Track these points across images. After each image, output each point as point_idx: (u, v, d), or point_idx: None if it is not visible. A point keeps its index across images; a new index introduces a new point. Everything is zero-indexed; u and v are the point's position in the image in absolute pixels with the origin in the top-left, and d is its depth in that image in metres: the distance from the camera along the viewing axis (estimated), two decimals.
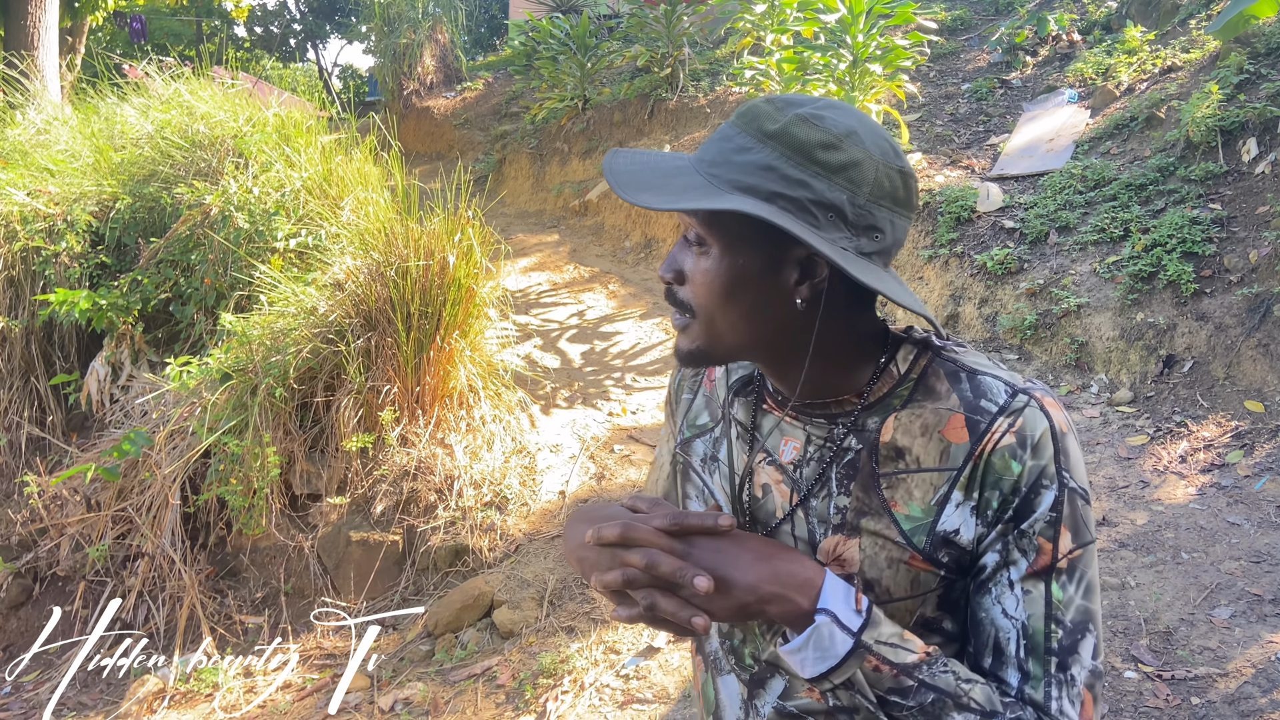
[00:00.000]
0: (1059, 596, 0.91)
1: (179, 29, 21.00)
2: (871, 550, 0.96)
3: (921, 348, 1.00)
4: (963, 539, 0.93)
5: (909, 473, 0.95)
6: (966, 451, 0.92)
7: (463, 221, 4.69)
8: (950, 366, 0.97)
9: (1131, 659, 3.12)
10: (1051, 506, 0.90)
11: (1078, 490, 0.92)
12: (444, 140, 12.76)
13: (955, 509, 0.93)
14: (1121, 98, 6.77)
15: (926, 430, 0.95)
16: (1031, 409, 0.92)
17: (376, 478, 4.47)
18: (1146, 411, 4.68)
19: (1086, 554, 0.92)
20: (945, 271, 5.95)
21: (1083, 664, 0.90)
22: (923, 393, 0.97)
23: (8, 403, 5.50)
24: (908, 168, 0.93)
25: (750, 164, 0.90)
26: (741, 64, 7.75)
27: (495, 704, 3.38)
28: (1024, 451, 0.90)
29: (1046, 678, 0.90)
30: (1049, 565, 0.91)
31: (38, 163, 6.04)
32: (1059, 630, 0.90)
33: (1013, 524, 0.91)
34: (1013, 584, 0.92)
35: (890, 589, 0.96)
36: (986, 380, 0.95)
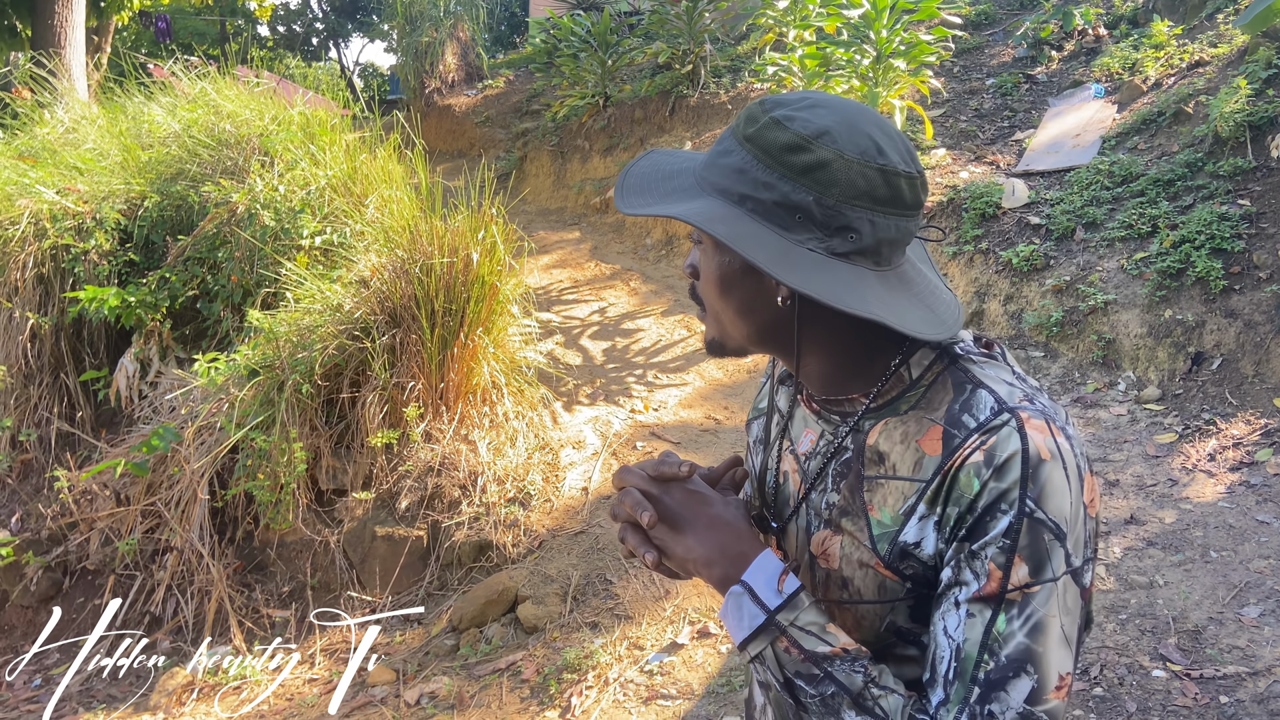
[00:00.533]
0: (1000, 629, 0.86)
1: (203, 28, 21.17)
2: (848, 549, 0.98)
3: (940, 353, 0.97)
4: (923, 552, 0.92)
5: (887, 479, 0.95)
6: (937, 465, 0.91)
7: (486, 219, 4.71)
8: (960, 377, 0.95)
9: (1160, 658, 3.10)
10: (1005, 532, 0.86)
11: (1045, 522, 0.86)
12: (466, 138, 12.81)
13: (918, 521, 0.92)
14: (1149, 93, 6.71)
15: (906, 438, 0.95)
16: (1008, 429, 0.88)
17: (401, 473, 4.50)
18: (1175, 409, 4.64)
19: (1044, 592, 0.86)
20: (970, 268, 5.92)
21: (1008, 704, 0.85)
22: (926, 402, 0.95)
23: (38, 398, 5.56)
24: (894, 166, 0.90)
25: (728, 166, 0.93)
26: (764, 60, 7.74)
27: (520, 698, 3.39)
28: (987, 471, 0.87)
29: (962, 705, 0.86)
30: (997, 593, 0.86)
31: (67, 161, 6.11)
32: (990, 662, 0.86)
33: (966, 542, 0.89)
34: (958, 604, 0.88)
35: (861, 590, 0.97)
36: (980, 394, 0.92)
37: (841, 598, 0.99)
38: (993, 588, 0.86)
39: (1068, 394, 5.01)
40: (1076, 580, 0.88)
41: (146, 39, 18.09)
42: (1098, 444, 4.54)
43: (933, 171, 6.73)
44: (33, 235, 5.47)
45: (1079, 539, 0.89)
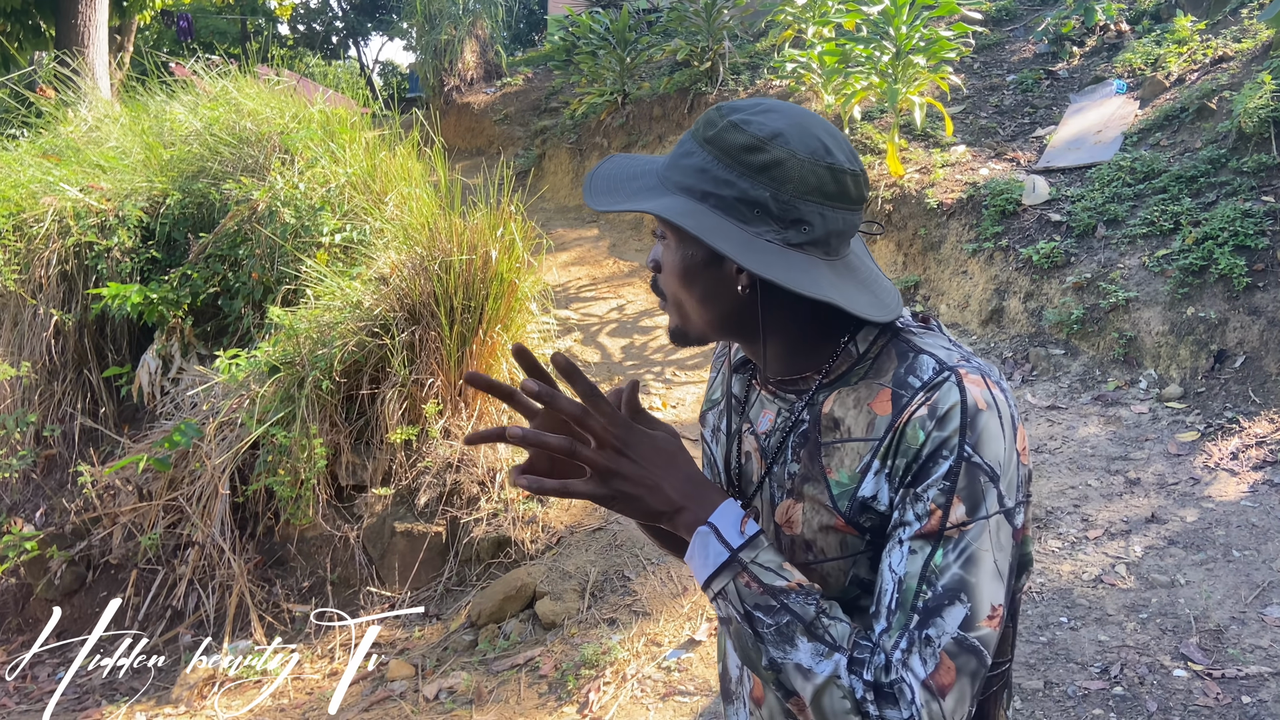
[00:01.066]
0: (938, 561, 0.95)
1: (224, 27, 21.31)
2: (809, 513, 1.06)
3: (883, 329, 1.07)
4: (879, 504, 1.01)
5: (842, 442, 1.04)
6: (888, 423, 1.00)
7: (504, 216, 4.73)
8: (903, 346, 1.04)
9: (1181, 657, 3.08)
10: (945, 475, 0.95)
11: (981, 465, 0.96)
12: (484, 136, 12.83)
13: (873, 476, 1.01)
14: (1171, 88, 6.65)
15: (859, 403, 1.04)
16: (949, 384, 0.98)
17: (420, 469, 4.53)
18: (1197, 408, 4.61)
19: (978, 528, 0.95)
20: (990, 265, 5.89)
21: (944, 629, 0.93)
22: (874, 371, 1.04)
23: (61, 394, 5.62)
24: (841, 164, 0.99)
25: (690, 166, 1.01)
26: (782, 57, 7.72)
27: (538, 694, 3.41)
28: (931, 422, 0.96)
29: (902, 630, 0.94)
30: (937, 530, 0.95)
31: (90, 159, 6.16)
32: (928, 591, 0.94)
33: (911, 487, 0.97)
34: (902, 541, 0.97)
35: (824, 550, 1.05)
36: (923, 358, 1.01)
37: (807, 560, 1.07)
38: (933, 525, 0.95)
39: (1088, 391, 4.98)
40: (1009, 519, 0.97)
41: (168, 38, 18.23)
42: (1119, 442, 4.51)
43: (952, 169, 6.70)
44: (57, 233, 5.53)
45: (1011, 481, 0.98)
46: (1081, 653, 3.17)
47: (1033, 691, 3.01)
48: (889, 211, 6.58)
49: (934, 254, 6.29)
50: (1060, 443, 4.61)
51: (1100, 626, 3.29)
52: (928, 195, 6.41)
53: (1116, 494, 4.13)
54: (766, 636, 0.97)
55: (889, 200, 6.61)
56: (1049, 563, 3.72)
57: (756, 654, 0.99)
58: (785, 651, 0.97)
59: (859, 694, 0.93)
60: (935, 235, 6.30)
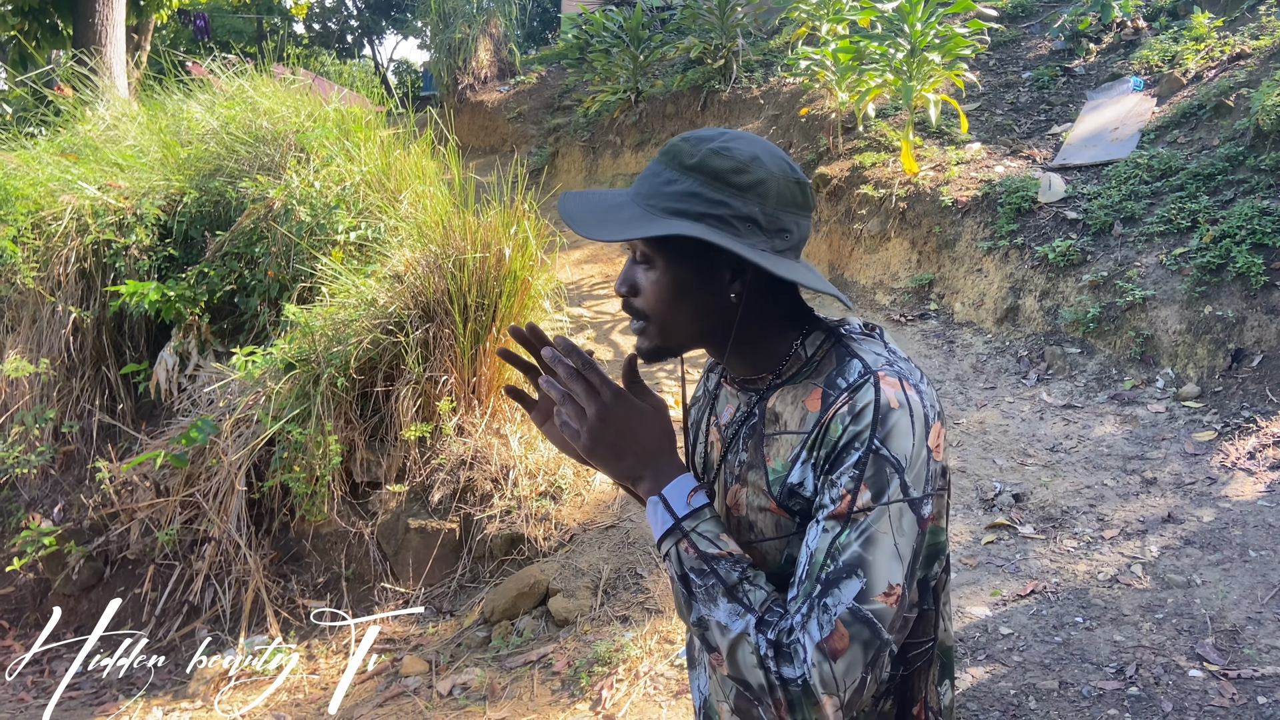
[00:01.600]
0: (841, 540, 1.06)
1: (241, 26, 21.40)
2: (751, 498, 1.20)
3: (828, 335, 1.21)
4: (805, 490, 1.13)
5: (780, 434, 1.18)
6: (816, 418, 1.13)
7: (518, 214, 4.74)
8: (842, 351, 1.17)
9: (1197, 657, 3.06)
10: (855, 464, 1.08)
11: (888, 457, 1.07)
12: (498, 134, 12.86)
13: (800, 465, 1.14)
14: (1189, 85, 6.60)
15: (796, 400, 1.17)
16: (867, 386, 1.10)
17: (434, 466, 4.54)
18: (1214, 407, 4.58)
19: (879, 512, 1.07)
20: (1005, 263, 5.86)
21: (841, 599, 1.04)
22: (815, 372, 1.18)
23: (80, 391, 5.67)
24: (802, 178, 1.15)
25: (678, 192, 1.12)
26: (796, 54, 7.70)
27: (551, 690, 3.42)
28: (849, 418, 1.09)
29: (805, 598, 1.06)
30: (845, 513, 1.07)
31: (108, 157, 6.21)
32: (830, 565, 1.06)
33: (828, 474, 1.10)
34: (818, 521, 1.09)
35: (763, 530, 1.19)
36: (853, 362, 1.14)
37: (749, 539, 1.21)
38: (842, 508, 1.07)
39: (1104, 391, 4.96)
40: (914, 509, 1.08)
41: (185, 37, 18.33)
42: (1135, 442, 4.49)
43: (967, 166, 6.67)
44: (75, 230, 5.57)
45: (919, 475, 1.09)
46: (1097, 653, 3.15)
47: (1047, 692, 3.00)
48: (903, 209, 6.56)
49: (949, 252, 6.27)
50: (1076, 442, 4.59)
51: (1116, 626, 3.27)
52: (942, 193, 6.39)
53: (1133, 493, 4.11)
54: (697, 595, 1.10)
55: (903, 198, 6.59)
56: (1064, 562, 3.70)
57: (687, 609, 1.11)
58: (709, 610, 1.09)
59: (762, 650, 1.04)
60: (950, 233, 6.28)
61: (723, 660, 1.08)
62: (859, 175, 6.99)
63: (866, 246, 6.80)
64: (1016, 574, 3.68)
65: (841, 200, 7.01)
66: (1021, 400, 5.07)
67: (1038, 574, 3.65)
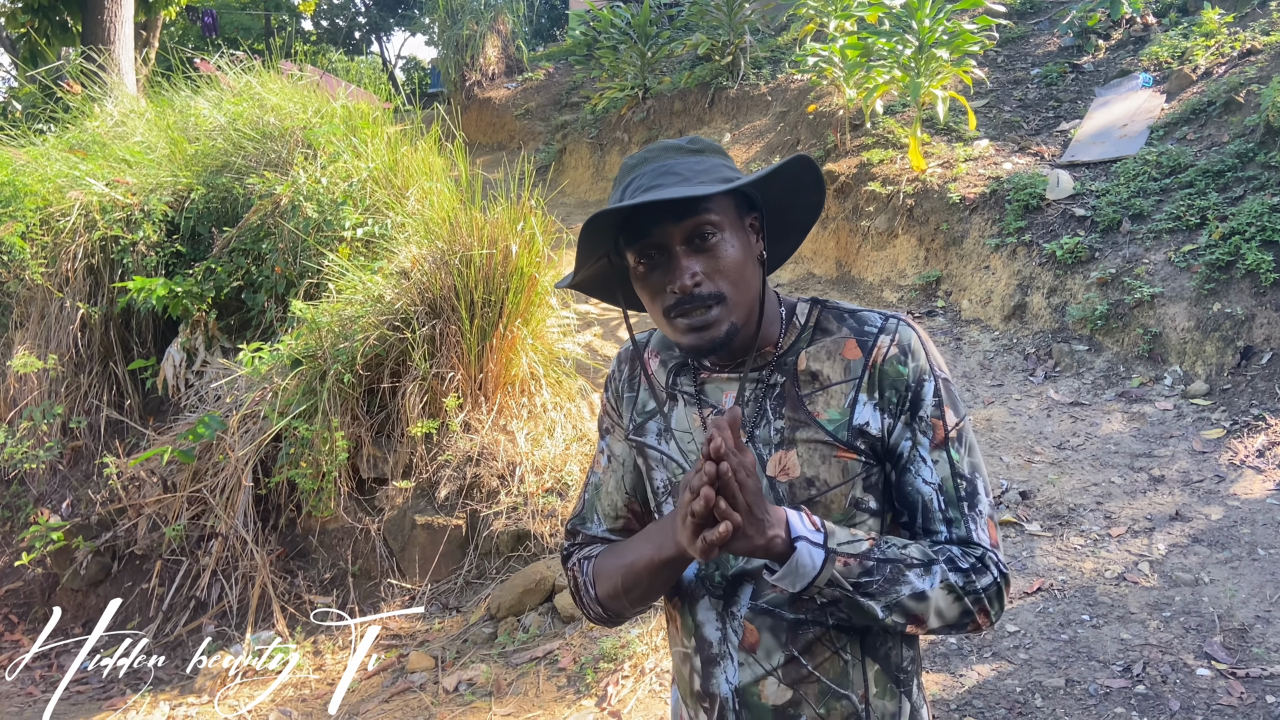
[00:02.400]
0: (956, 458, 1.23)
1: (248, 23, 21.44)
2: (807, 454, 1.24)
3: (813, 303, 1.33)
4: (873, 429, 1.23)
5: (824, 388, 1.26)
6: (862, 363, 1.24)
7: (525, 210, 4.73)
8: (836, 311, 1.30)
9: (1205, 656, 3.05)
10: (934, 393, 1.23)
11: (944, 377, 1.25)
12: (505, 130, 12.86)
13: (863, 406, 1.23)
14: (1198, 82, 6.57)
15: (830, 355, 1.27)
16: (904, 326, 1.25)
17: (441, 463, 4.54)
18: (1223, 404, 4.56)
19: (965, 423, 1.25)
20: (1013, 260, 5.84)
21: (982, 502, 1.22)
22: (821, 333, 1.29)
23: (88, 387, 5.68)
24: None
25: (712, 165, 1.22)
26: (804, 51, 7.68)
27: (557, 686, 3.42)
28: (906, 356, 1.23)
29: (963, 517, 1.21)
30: (945, 438, 1.23)
31: (116, 154, 6.22)
32: (963, 482, 1.22)
33: (911, 413, 1.23)
34: (924, 459, 1.22)
35: (828, 480, 1.24)
36: (864, 313, 1.28)
37: (810, 495, 1.24)
38: (941, 435, 1.23)
39: (1112, 388, 4.94)
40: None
41: (193, 34, 18.36)
42: (1143, 439, 4.47)
43: (975, 163, 6.65)
44: (83, 226, 5.58)
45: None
46: (1104, 651, 3.14)
47: (1054, 689, 3.00)
48: (910, 206, 6.54)
49: (956, 249, 6.25)
50: (1083, 439, 4.57)
51: (1123, 624, 3.26)
52: (950, 190, 6.37)
53: (1140, 491, 4.09)
54: (877, 591, 1.15)
55: (911, 195, 6.57)
56: (1071, 560, 3.69)
57: (870, 612, 1.15)
58: (898, 592, 1.15)
59: (961, 583, 1.17)
60: (957, 230, 6.26)
61: (927, 621, 1.17)
62: (866, 172, 6.97)
63: (874, 243, 6.78)
64: (1023, 571, 3.67)
65: (849, 197, 7.00)
66: (1029, 397, 5.06)
67: (1044, 571, 3.64)
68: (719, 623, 1.30)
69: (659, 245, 1.21)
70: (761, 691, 1.27)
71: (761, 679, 1.27)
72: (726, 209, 1.22)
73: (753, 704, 1.28)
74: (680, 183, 1.18)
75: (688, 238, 1.20)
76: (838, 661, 1.25)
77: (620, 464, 1.44)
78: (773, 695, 1.27)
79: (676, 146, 1.24)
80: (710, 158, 1.24)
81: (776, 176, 1.24)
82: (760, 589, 1.26)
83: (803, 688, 1.26)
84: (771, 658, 1.26)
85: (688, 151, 1.23)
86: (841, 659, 1.25)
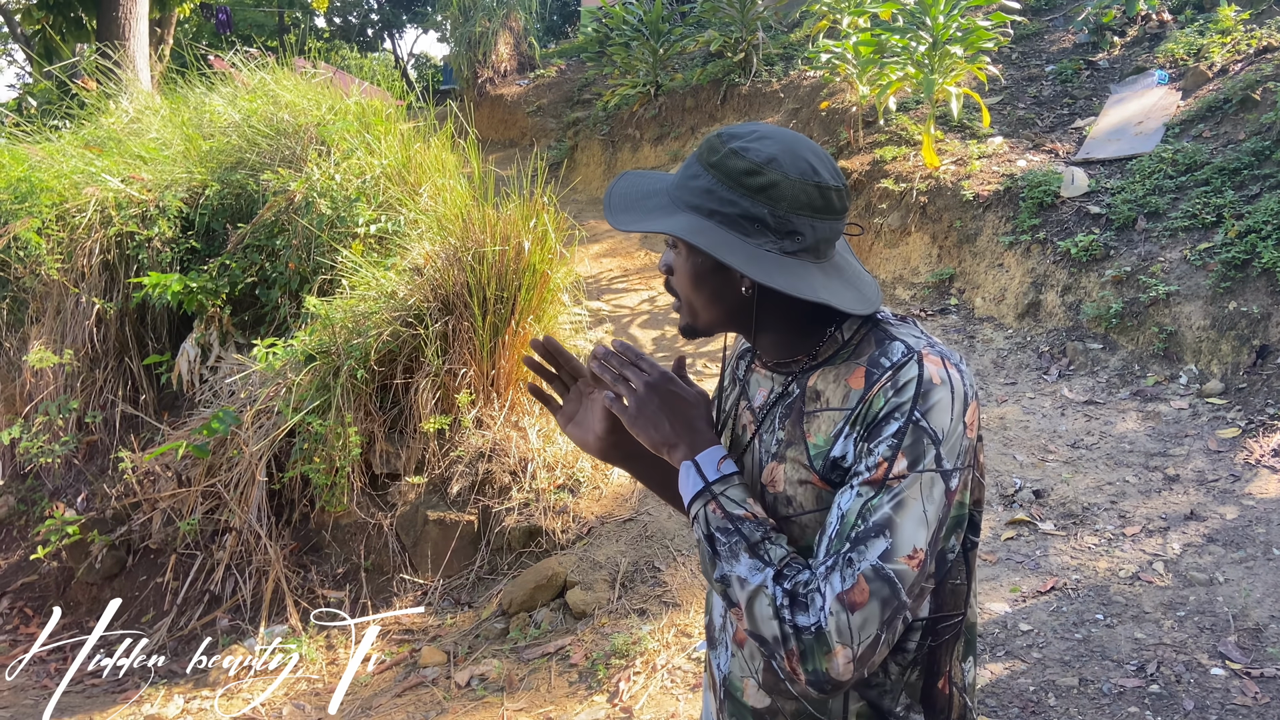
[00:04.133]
0: (874, 503, 1.10)
1: (262, 20, 21.50)
2: (790, 472, 1.23)
3: (865, 320, 1.24)
4: (846, 462, 1.17)
5: (822, 411, 1.21)
6: (859, 395, 1.16)
7: (537, 207, 4.74)
8: (881, 335, 1.21)
9: (1219, 656, 3.03)
10: (895, 433, 1.11)
11: (927, 430, 1.11)
12: (517, 127, 12.87)
13: (842, 440, 1.17)
14: (1214, 79, 6.53)
15: (838, 379, 1.21)
16: (911, 363, 1.14)
17: (453, 459, 4.56)
18: (1238, 403, 4.53)
19: (912, 479, 1.10)
20: (1026, 258, 5.82)
21: (866, 556, 1.08)
22: (855, 354, 1.21)
23: (103, 382, 5.72)
24: (827, 182, 1.17)
25: (697, 188, 1.18)
26: (817, 48, 7.66)
27: (568, 682, 3.43)
28: (891, 390, 1.13)
29: (831, 554, 1.10)
30: (880, 479, 1.10)
31: (131, 150, 6.25)
32: (860, 525, 1.09)
33: (866, 441, 1.13)
34: (853, 486, 1.13)
35: (803, 504, 1.21)
36: (895, 344, 1.18)
37: (788, 513, 1.23)
38: (878, 475, 1.11)
39: (1127, 387, 4.92)
40: (945, 479, 1.12)
41: (207, 31, 18.42)
42: (1157, 438, 4.45)
43: (989, 160, 6.62)
44: (99, 222, 5.62)
45: (953, 448, 1.13)
46: (1118, 650, 3.13)
47: (1067, 689, 2.99)
48: (924, 204, 6.52)
49: (969, 246, 6.23)
50: (1098, 438, 4.55)
51: (1137, 624, 3.25)
52: (964, 187, 6.34)
53: (1155, 490, 4.07)
54: (721, 553, 1.16)
55: (924, 192, 6.55)
56: (1085, 559, 3.68)
57: (711, 567, 1.17)
58: (731, 566, 1.15)
59: (779, 601, 1.10)
60: (971, 228, 6.24)
61: (742, 614, 1.13)
62: (879, 169, 6.95)
63: (886, 241, 6.77)
64: (1036, 570, 3.66)
65: (861, 194, 6.98)
66: (1042, 396, 5.04)
67: (1058, 570, 3.63)
68: (722, 609, 1.37)
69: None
70: (745, 689, 1.32)
71: (745, 677, 1.32)
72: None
73: (736, 698, 1.34)
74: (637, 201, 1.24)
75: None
76: None
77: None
78: (753, 697, 1.31)
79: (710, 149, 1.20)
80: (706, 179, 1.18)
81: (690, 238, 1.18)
82: None
83: (779, 700, 1.27)
84: (754, 659, 1.30)
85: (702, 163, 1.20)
86: None
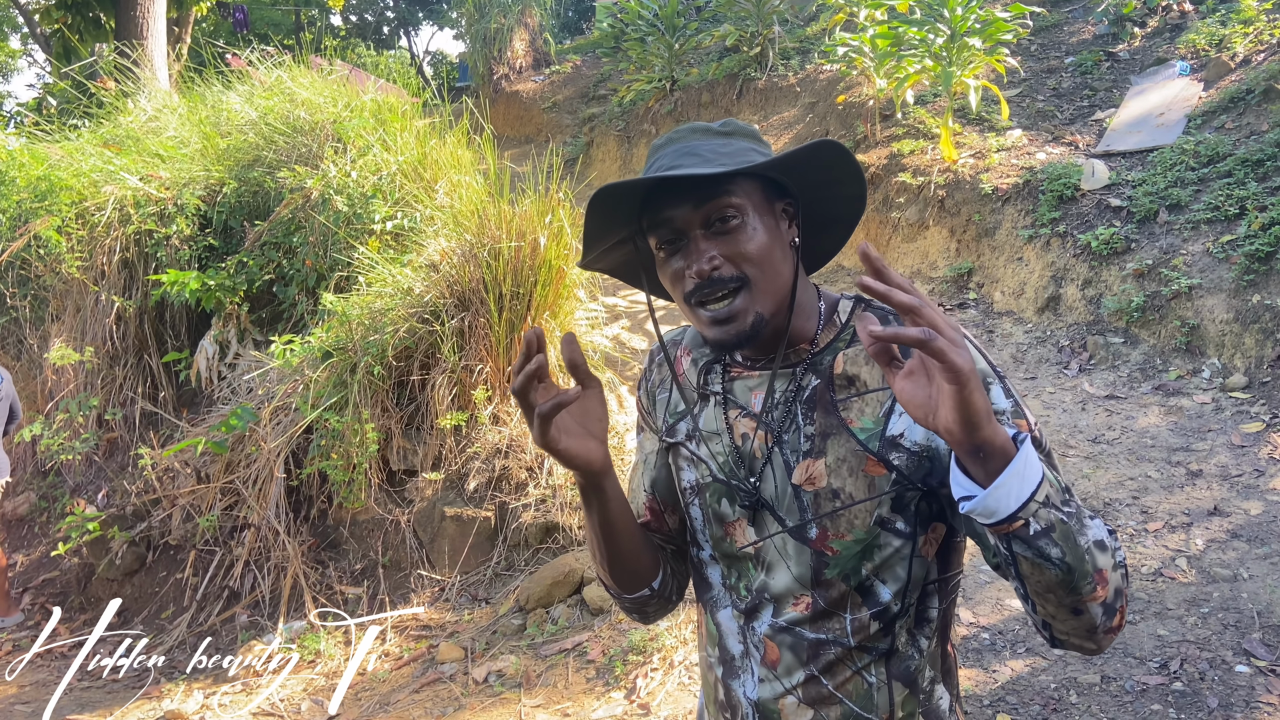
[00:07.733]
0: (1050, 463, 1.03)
1: (279, 19, 21.59)
2: (835, 464, 1.15)
3: (855, 300, 1.23)
4: (907, 441, 1.11)
5: (860, 395, 1.15)
6: None
7: (553, 203, 4.73)
8: (879, 312, 1.19)
9: (1244, 653, 3.00)
10: (1005, 395, 1.08)
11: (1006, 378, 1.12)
12: (533, 123, 12.87)
13: (899, 417, 1.12)
14: (1237, 70, 6.45)
15: (870, 360, 1.15)
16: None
17: (470, 455, 4.56)
18: (1262, 397, 4.48)
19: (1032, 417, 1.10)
20: (1046, 252, 5.77)
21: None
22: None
23: (123, 379, 5.76)
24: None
25: (739, 149, 1.16)
26: (834, 41, 7.62)
27: (586, 679, 3.42)
28: None
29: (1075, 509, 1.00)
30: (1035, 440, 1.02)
31: (149, 148, 6.28)
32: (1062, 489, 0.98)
33: None
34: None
35: (852, 494, 1.13)
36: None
37: (834, 508, 1.14)
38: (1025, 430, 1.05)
39: (1149, 381, 4.86)
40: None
41: (224, 29, 18.51)
42: (1180, 433, 4.40)
43: (1008, 153, 6.57)
44: (118, 221, 5.65)
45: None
46: (1140, 647, 3.10)
47: (1089, 686, 2.96)
48: (942, 197, 6.48)
49: (988, 240, 6.18)
50: (1119, 433, 4.51)
51: (1160, 621, 3.21)
52: (982, 180, 6.29)
53: (1177, 485, 4.03)
54: (1068, 529, 0.94)
55: (942, 185, 6.50)
56: None
57: (1079, 540, 0.95)
58: (1086, 536, 0.96)
59: (1115, 545, 1.01)
60: (990, 221, 6.19)
61: (1106, 580, 0.97)
62: (897, 163, 6.90)
63: (904, 235, 6.72)
64: None
65: (879, 188, 6.94)
66: (1063, 390, 4.99)
67: None
68: (741, 636, 1.27)
69: (678, 229, 1.14)
70: (781, 710, 1.23)
71: (781, 696, 1.23)
72: (751, 192, 1.14)
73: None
74: (701, 164, 1.13)
75: (707, 221, 1.13)
76: (861, 683, 1.18)
77: (645, 462, 1.39)
78: (792, 714, 1.22)
79: (705, 129, 1.18)
80: (738, 140, 1.17)
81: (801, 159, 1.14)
82: (781, 607, 1.21)
83: (824, 709, 1.20)
84: (792, 675, 1.21)
85: (716, 134, 1.17)
86: (865, 681, 1.18)
